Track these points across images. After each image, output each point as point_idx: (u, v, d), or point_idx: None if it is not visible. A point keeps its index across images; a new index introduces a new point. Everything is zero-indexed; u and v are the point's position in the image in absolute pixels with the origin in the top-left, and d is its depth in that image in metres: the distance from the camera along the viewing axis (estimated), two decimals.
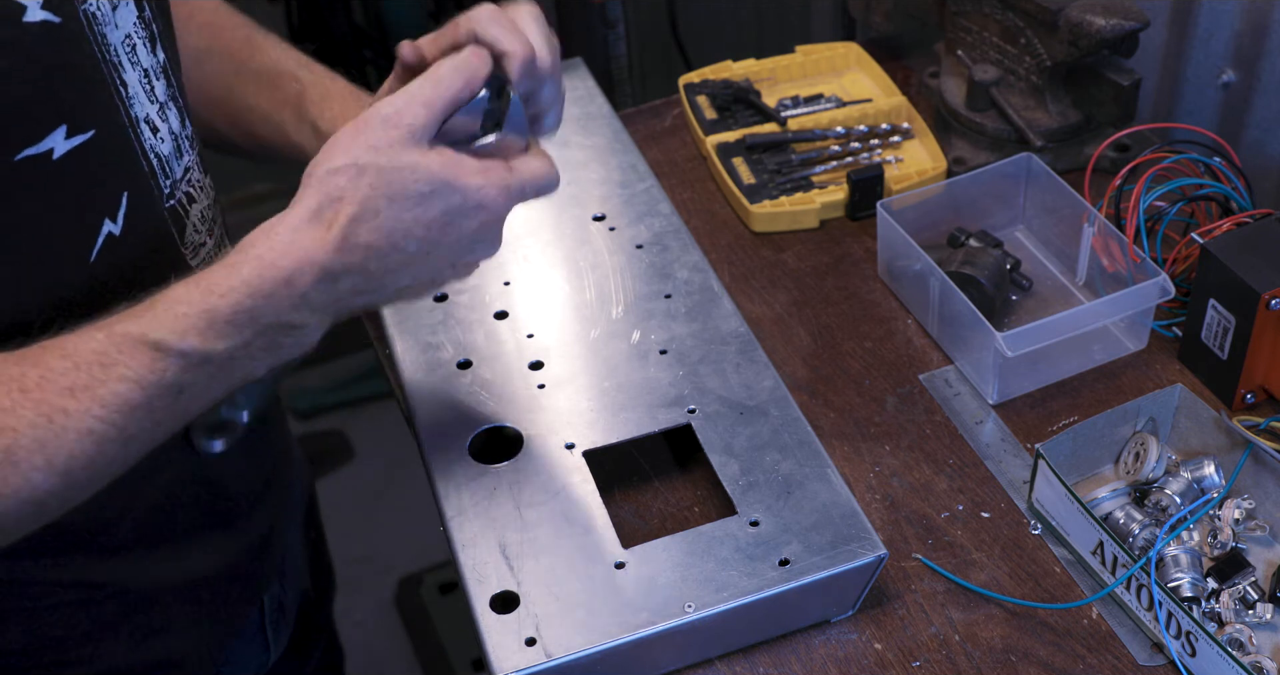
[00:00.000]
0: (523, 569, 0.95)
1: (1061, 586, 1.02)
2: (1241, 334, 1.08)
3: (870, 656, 0.98)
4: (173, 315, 0.77)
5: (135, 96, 0.86)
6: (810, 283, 1.30)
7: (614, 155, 1.32)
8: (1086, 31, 1.28)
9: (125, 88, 0.85)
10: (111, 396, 0.75)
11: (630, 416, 1.05)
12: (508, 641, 0.90)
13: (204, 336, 0.77)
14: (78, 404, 0.75)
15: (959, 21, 1.43)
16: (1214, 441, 1.07)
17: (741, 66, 1.51)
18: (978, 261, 1.21)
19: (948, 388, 1.18)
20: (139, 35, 0.87)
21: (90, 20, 0.82)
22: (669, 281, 1.17)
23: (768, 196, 1.36)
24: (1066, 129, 1.36)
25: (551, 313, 1.15)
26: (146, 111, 0.88)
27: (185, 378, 0.78)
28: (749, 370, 1.08)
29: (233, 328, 0.78)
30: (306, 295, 0.80)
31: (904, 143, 1.42)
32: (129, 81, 0.86)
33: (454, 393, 1.08)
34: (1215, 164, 1.19)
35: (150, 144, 0.88)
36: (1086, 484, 1.10)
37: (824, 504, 0.98)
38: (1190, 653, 0.93)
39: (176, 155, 0.91)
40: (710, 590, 0.93)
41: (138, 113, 0.87)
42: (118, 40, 0.84)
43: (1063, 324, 1.12)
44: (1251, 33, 1.35)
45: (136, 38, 0.87)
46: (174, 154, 0.91)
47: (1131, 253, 1.16)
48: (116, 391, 0.76)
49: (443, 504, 1.00)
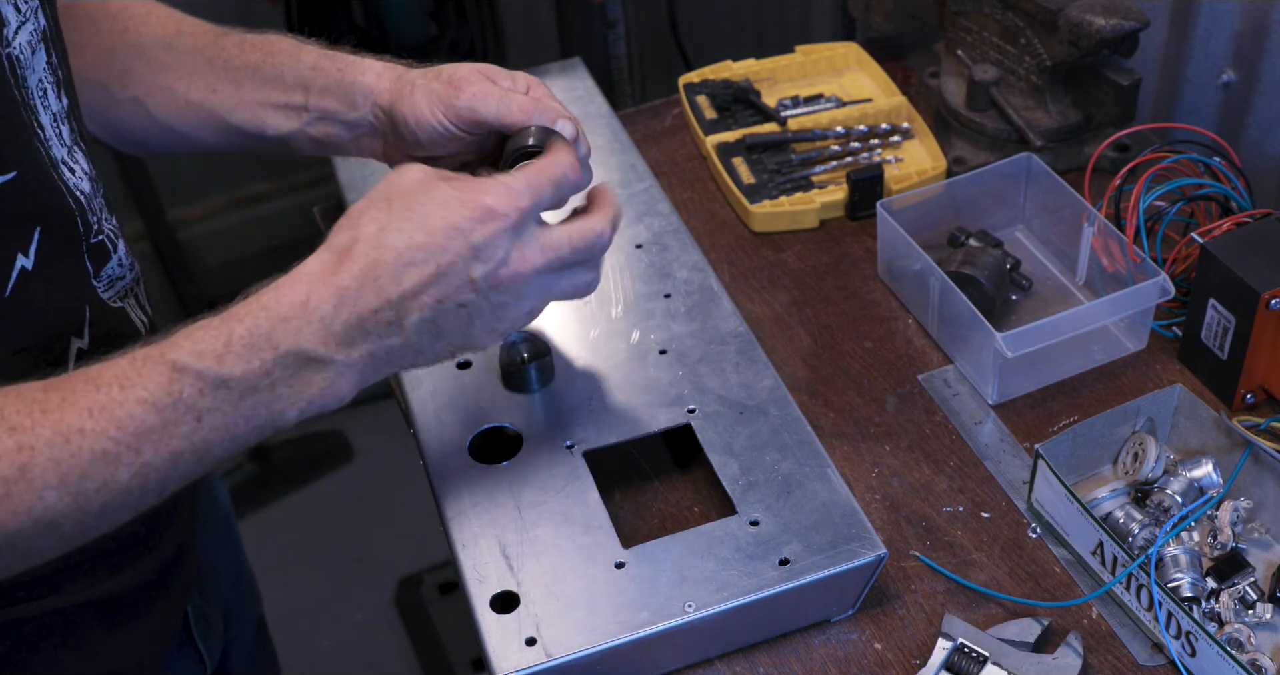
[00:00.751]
0: (523, 569, 0.95)
1: (1061, 586, 1.02)
2: (1241, 334, 1.08)
3: (870, 656, 0.98)
4: (192, 338, 0.78)
5: (51, 139, 0.87)
6: (810, 283, 1.30)
7: (613, 155, 1.32)
8: (1086, 31, 1.28)
9: (43, 130, 0.86)
10: (127, 418, 0.76)
11: (630, 416, 1.05)
12: (508, 641, 0.90)
13: (221, 359, 0.78)
14: (94, 424, 0.75)
15: (959, 21, 1.43)
16: (1213, 441, 1.07)
17: (741, 66, 1.51)
18: (978, 261, 1.21)
19: (947, 388, 1.18)
20: (48, 80, 0.88)
21: (15, 64, 0.82)
22: (668, 281, 1.17)
23: (768, 196, 1.36)
24: (1066, 129, 1.36)
25: (551, 312, 1.15)
26: (61, 153, 0.88)
27: (203, 402, 0.78)
28: (749, 370, 1.08)
29: (249, 350, 0.78)
30: (326, 321, 0.80)
31: (904, 143, 1.42)
32: (45, 124, 0.87)
33: (454, 393, 1.08)
34: (1215, 164, 1.19)
35: (72, 183, 0.89)
36: (1086, 484, 1.10)
37: (824, 503, 0.98)
38: (1190, 653, 0.93)
39: (94, 194, 0.92)
40: (710, 590, 0.93)
41: (56, 154, 0.87)
42: (34, 83, 0.85)
43: (1063, 324, 1.12)
44: (1251, 33, 1.35)
45: (47, 83, 0.87)
46: (93, 193, 0.92)
47: (1131, 253, 1.16)
48: (133, 413, 0.76)
49: (443, 504, 1.00)
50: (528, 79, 1.02)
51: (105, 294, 0.94)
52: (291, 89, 1.04)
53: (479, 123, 0.98)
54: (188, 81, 1.05)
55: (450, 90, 0.98)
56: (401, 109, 1.00)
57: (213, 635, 1.15)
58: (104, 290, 0.94)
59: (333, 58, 1.04)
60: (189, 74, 1.05)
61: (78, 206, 0.90)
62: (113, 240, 0.95)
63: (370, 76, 1.02)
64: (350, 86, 1.02)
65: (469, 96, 0.97)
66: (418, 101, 0.99)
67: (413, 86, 1.00)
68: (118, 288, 0.95)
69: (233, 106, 1.05)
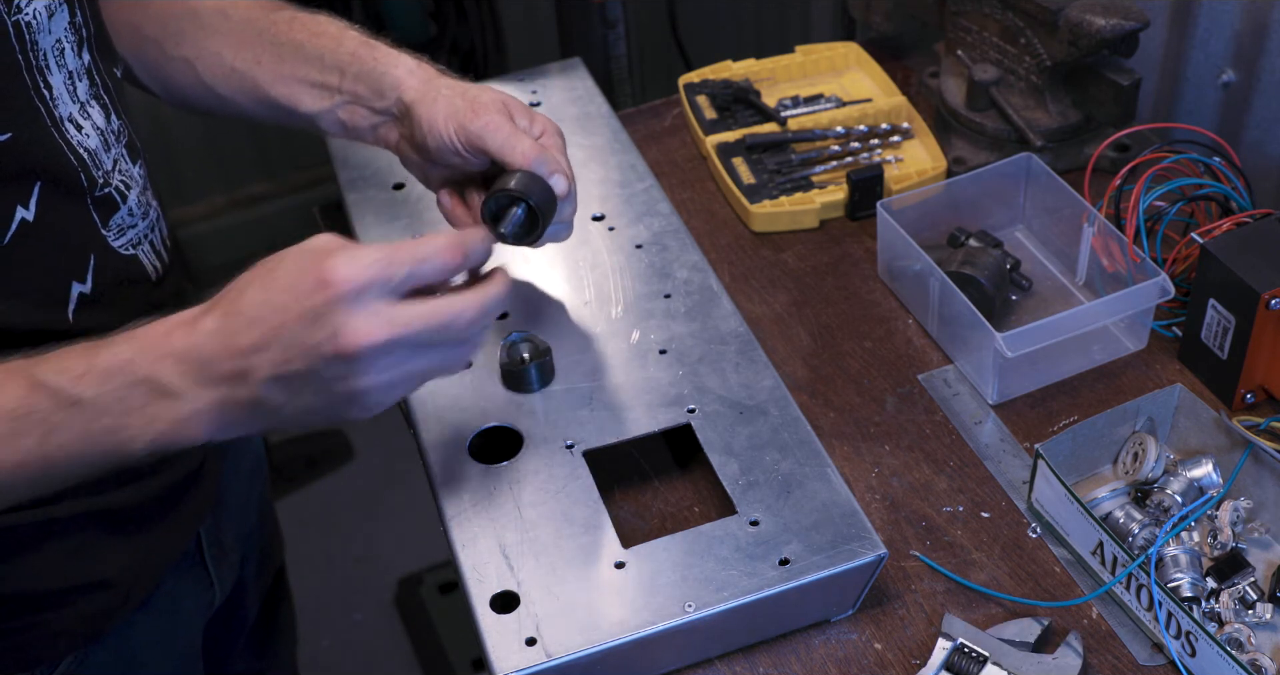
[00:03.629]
0: (523, 569, 0.95)
1: (1061, 586, 1.02)
2: (1241, 334, 1.08)
3: (870, 656, 0.98)
4: (60, 357, 0.82)
5: (59, 97, 0.92)
6: (810, 283, 1.30)
7: (613, 155, 1.32)
8: (1086, 31, 1.28)
9: (50, 89, 0.91)
10: None
11: (630, 416, 1.05)
12: (508, 641, 0.90)
13: (79, 379, 0.81)
14: None
15: (959, 21, 1.43)
16: (1213, 441, 1.07)
17: (741, 66, 1.51)
18: (978, 261, 1.21)
19: (947, 388, 1.18)
20: (68, 40, 0.92)
21: (25, 30, 0.87)
22: (668, 281, 1.17)
23: (768, 196, 1.36)
24: (1066, 129, 1.36)
25: (551, 312, 1.15)
26: (70, 111, 0.93)
27: (54, 418, 0.81)
28: (749, 370, 1.08)
29: (107, 375, 0.81)
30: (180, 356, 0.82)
31: (904, 143, 1.42)
32: (54, 84, 0.91)
33: (454, 393, 1.08)
34: (1215, 164, 1.19)
35: (76, 140, 0.93)
36: (1086, 484, 1.10)
37: (824, 503, 0.98)
38: (1190, 652, 0.93)
39: (104, 148, 0.96)
40: (710, 590, 0.93)
41: (61, 113, 0.92)
42: (49, 45, 0.90)
43: (1063, 324, 1.12)
44: (1251, 33, 1.35)
45: (66, 42, 0.92)
46: (101, 147, 0.96)
47: (1131, 253, 1.16)
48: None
49: (443, 504, 1.00)
50: (545, 124, 1.06)
51: (116, 242, 0.98)
52: (329, 70, 1.09)
53: (482, 150, 1.02)
54: (235, 49, 1.11)
55: (469, 111, 1.02)
56: (420, 111, 1.04)
57: (225, 564, 1.19)
58: (114, 238, 0.98)
59: (372, 47, 1.10)
60: (238, 42, 1.11)
61: (80, 163, 0.93)
62: (123, 192, 0.98)
63: (402, 71, 1.07)
64: (382, 77, 1.07)
65: (482, 124, 1.01)
66: (437, 110, 1.03)
67: (438, 94, 1.05)
68: (130, 235, 1.00)
69: (273, 79, 1.10)
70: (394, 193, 1.30)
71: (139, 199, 1.00)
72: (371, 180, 1.32)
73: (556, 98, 1.40)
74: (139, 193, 1.01)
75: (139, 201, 1.00)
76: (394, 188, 1.30)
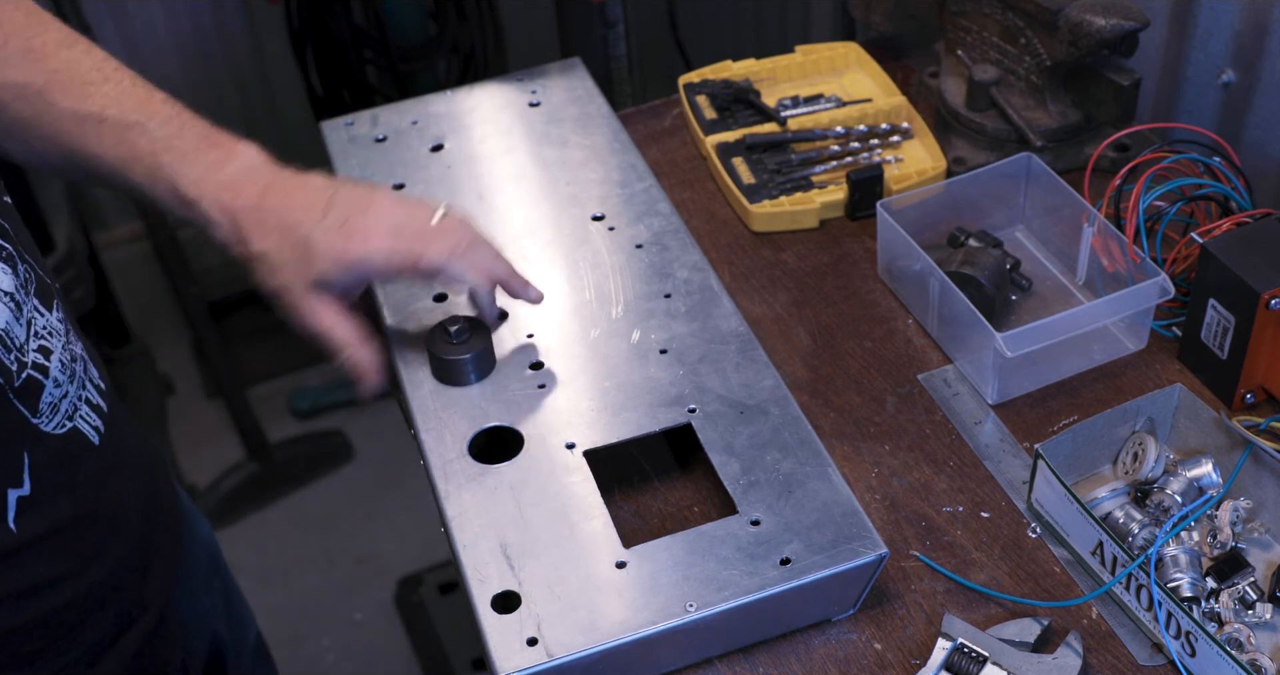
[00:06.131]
0: (524, 569, 0.95)
1: (1061, 586, 1.02)
2: (1241, 334, 1.09)
3: (870, 656, 0.98)
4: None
5: None
6: (810, 283, 1.30)
7: (613, 155, 1.32)
8: (1086, 31, 1.28)
9: None
10: None
11: (630, 416, 1.05)
12: (509, 641, 0.90)
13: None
14: None
15: (959, 21, 1.43)
16: (1213, 441, 1.07)
17: (741, 66, 1.51)
18: (978, 261, 1.21)
19: (947, 388, 1.18)
20: None
21: None
22: (668, 281, 1.17)
23: (767, 196, 1.36)
24: (1066, 129, 1.36)
25: (551, 313, 1.15)
26: None
27: None
28: (749, 369, 1.08)
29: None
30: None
31: (904, 143, 1.42)
32: None
33: (454, 393, 1.08)
34: (1215, 164, 1.20)
35: None
36: (1086, 484, 1.10)
37: (824, 503, 0.98)
38: (1190, 653, 0.93)
39: (16, 316, 0.87)
40: (711, 589, 0.93)
41: None
42: None
43: (1062, 324, 1.12)
44: (1251, 33, 1.36)
45: None
46: (13, 318, 0.86)
47: (1131, 253, 1.16)
48: None
49: (443, 504, 1.00)
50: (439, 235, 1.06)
51: (49, 425, 0.90)
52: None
53: None
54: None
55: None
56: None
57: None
58: (47, 422, 0.90)
59: None
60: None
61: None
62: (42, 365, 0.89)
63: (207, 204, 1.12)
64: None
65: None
66: None
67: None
68: (63, 408, 0.92)
69: None
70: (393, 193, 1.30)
71: (61, 359, 0.91)
72: (370, 180, 1.31)
73: (556, 98, 1.40)
74: (61, 349, 0.91)
75: (62, 364, 0.91)
76: (394, 188, 1.30)
